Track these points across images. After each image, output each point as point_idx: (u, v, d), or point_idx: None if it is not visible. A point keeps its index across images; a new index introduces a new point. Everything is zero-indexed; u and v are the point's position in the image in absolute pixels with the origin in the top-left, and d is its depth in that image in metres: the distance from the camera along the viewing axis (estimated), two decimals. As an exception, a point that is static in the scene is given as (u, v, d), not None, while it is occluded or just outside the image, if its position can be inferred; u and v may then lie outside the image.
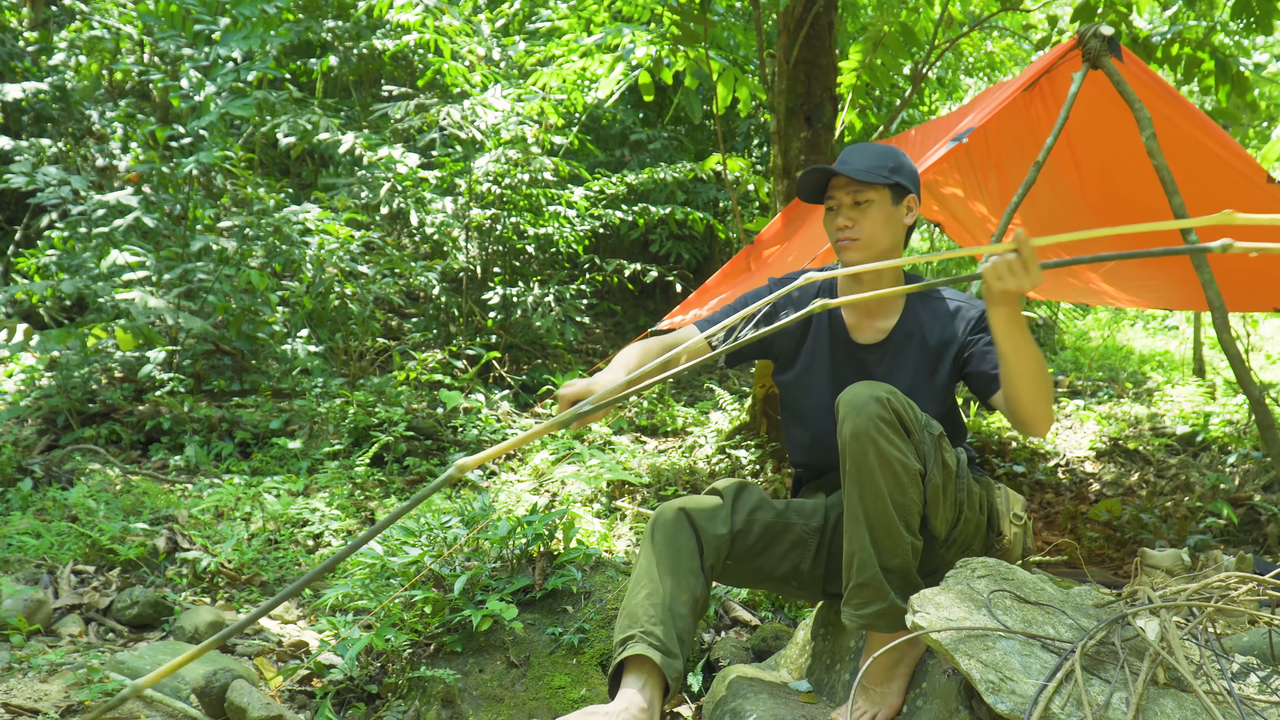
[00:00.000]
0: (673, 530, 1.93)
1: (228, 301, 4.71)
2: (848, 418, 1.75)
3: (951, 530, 1.92)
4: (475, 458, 0.94)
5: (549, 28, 6.34)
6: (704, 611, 1.96)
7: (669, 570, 1.88)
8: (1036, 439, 5.42)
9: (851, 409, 1.75)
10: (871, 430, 1.72)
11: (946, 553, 1.96)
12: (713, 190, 7.60)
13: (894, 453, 1.73)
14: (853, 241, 2.01)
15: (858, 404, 1.75)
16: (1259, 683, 1.51)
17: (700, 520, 1.95)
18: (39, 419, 4.24)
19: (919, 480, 1.78)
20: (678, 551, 1.91)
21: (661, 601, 1.83)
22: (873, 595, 1.77)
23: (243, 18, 4.67)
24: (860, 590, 1.78)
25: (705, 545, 1.93)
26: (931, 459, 1.81)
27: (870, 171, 1.99)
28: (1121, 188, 3.85)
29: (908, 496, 1.76)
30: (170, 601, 2.67)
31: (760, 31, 4.63)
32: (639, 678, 1.78)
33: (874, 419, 1.72)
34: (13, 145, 5.21)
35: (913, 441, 1.78)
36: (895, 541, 1.76)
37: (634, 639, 1.79)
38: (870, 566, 1.76)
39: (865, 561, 1.77)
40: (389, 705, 2.21)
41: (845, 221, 2.01)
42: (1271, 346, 8.79)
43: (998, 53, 8.14)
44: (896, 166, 2.02)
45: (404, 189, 5.66)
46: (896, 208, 2.03)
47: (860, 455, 1.74)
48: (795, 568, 2.04)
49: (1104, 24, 3.05)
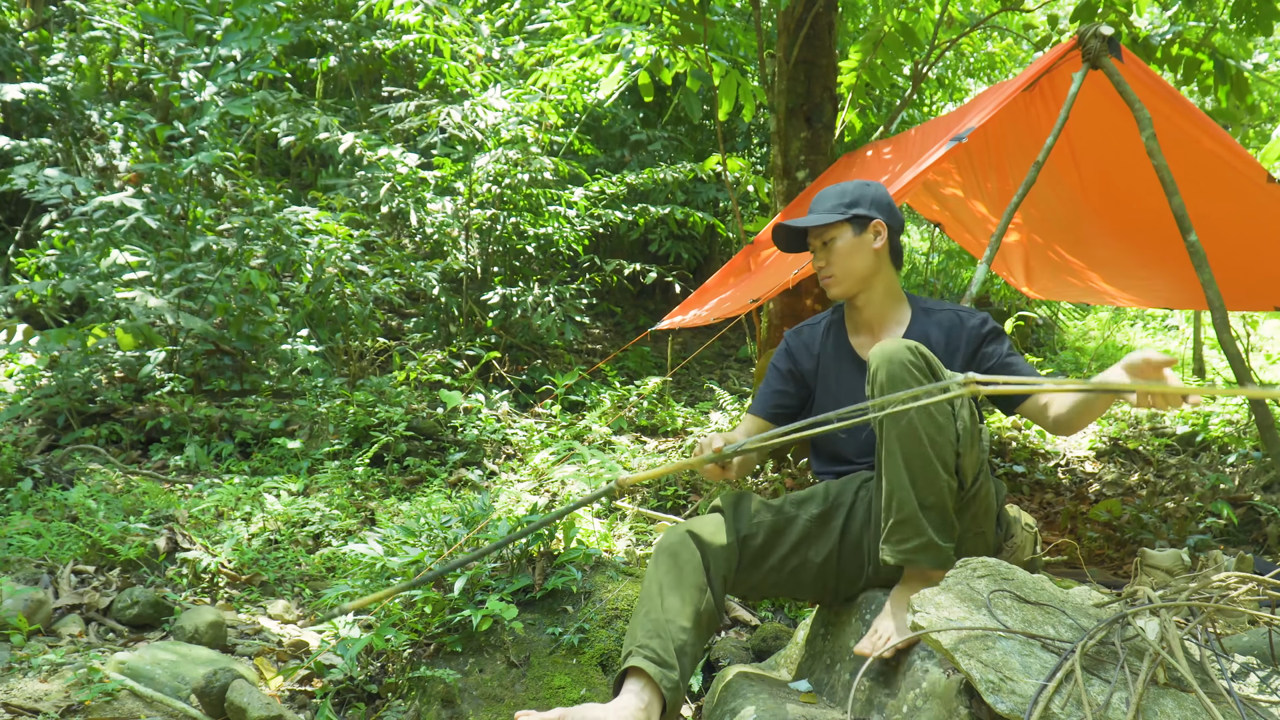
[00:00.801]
0: (676, 549, 1.99)
1: (228, 301, 4.71)
2: (881, 366, 1.85)
3: (974, 483, 1.97)
4: (636, 475, 0.94)
5: (549, 28, 6.34)
6: (714, 625, 1.99)
7: (672, 587, 1.93)
8: (1037, 441, 5.42)
9: (884, 358, 1.85)
10: (904, 374, 1.81)
11: (963, 515, 1.99)
12: (713, 190, 7.60)
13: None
14: (830, 278, 2.23)
15: (888, 352, 1.85)
16: (1259, 683, 1.51)
17: (703, 535, 2.01)
18: (39, 419, 4.24)
19: (952, 418, 1.87)
20: (680, 569, 1.95)
21: (660, 617, 1.88)
22: (911, 531, 1.85)
23: (243, 17, 4.67)
24: (900, 527, 1.86)
25: (710, 558, 1.98)
26: (959, 401, 1.89)
27: (826, 214, 2.20)
28: (1121, 188, 3.85)
29: (944, 434, 1.84)
30: (170, 601, 2.67)
31: (760, 31, 4.63)
32: (637, 682, 1.82)
33: (905, 364, 1.82)
34: (12, 145, 5.20)
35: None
36: (932, 479, 1.84)
37: (630, 655, 1.84)
38: (909, 504, 1.84)
39: (904, 499, 1.85)
40: (389, 705, 2.21)
41: (820, 263, 2.24)
42: (1271, 346, 8.79)
43: (998, 53, 8.14)
44: (854, 200, 2.21)
45: (404, 189, 5.67)
46: (861, 237, 2.21)
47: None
48: (804, 560, 2.07)
49: (1104, 24, 3.05)
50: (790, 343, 2.36)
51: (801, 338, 2.36)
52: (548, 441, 4.32)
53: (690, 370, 6.92)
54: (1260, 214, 3.52)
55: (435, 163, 6.06)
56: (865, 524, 2.09)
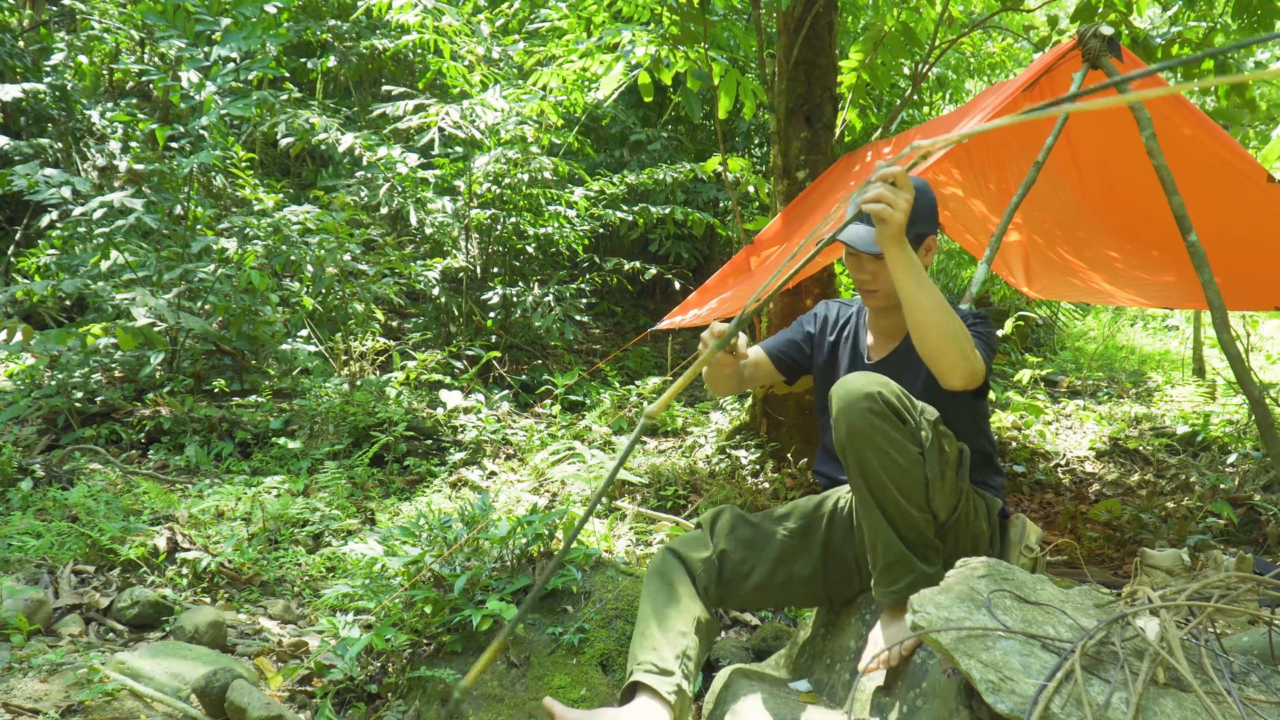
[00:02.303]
0: (662, 567, 2.01)
1: (228, 301, 4.71)
2: (840, 416, 1.80)
3: (951, 516, 1.96)
4: (660, 400, 0.91)
5: (549, 28, 6.34)
6: (712, 631, 2.00)
7: (667, 600, 1.95)
8: (1037, 441, 5.42)
9: (844, 407, 1.80)
10: (864, 426, 1.77)
11: (944, 541, 1.98)
12: (713, 190, 7.60)
13: (889, 444, 1.78)
14: (875, 293, 2.12)
15: (848, 401, 1.79)
16: (1259, 683, 1.51)
17: (683, 550, 2.03)
18: (39, 419, 4.24)
19: (920, 461, 1.83)
20: (670, 583, 1.98)
21: (656, 631, 1.90)
22: (902, 570, 1.86)
23: (243, 17, 4.66)
24: (890, 569, 1.87)
25: (693, 571, 2.00)
26: (930, 443, 1.85)
27: None
28: (1121, 188, 3.85)
29: (911, 478, 1.82)
30: (170, 601, 2.66)
31: (760, 31, 4.63)
32: (643, 693, 1.83)
33: (865, 414, 1.77)
34: (11, 145, 5.20)
35: (909, 428, 1.82)
36: (909, 519, 1.85)
37: (633, 672, 1.85)
38: (894, 546, 1.85)
39: (888, 543, 1.85)
40: (389, 705, 2.21)
41: (866, 276, 2.10)
42: (1271, 346, 8.80)
43: (998, 53, 8.14)
44: (914, 219, 2.03)
45: (404, 189, 5.66)
46: (915, 254, 2.08)
47: (859, 452, 1.80)
48: (791, 574, 2.08)
49: (1104, 24, 3.04)
50: (821, 312, 2.34)
51: (831, 315, 2.33)
52: (547, 441, 4.32)
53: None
54: (1260, 214, 3.52)
55: (436, 163, 6.06)
56: (848, 535, 2.09)
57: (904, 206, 1.76)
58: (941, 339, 1.83)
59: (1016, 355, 8.10)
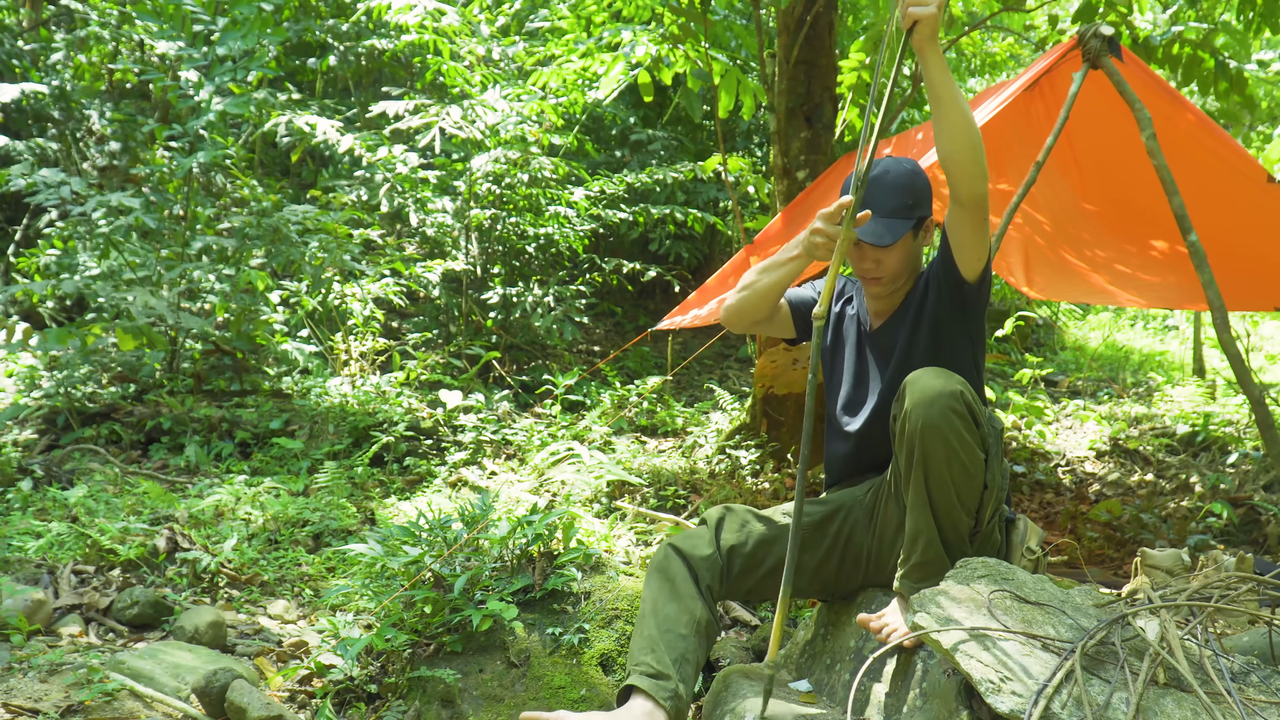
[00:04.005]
0: (663, 564, 2.01)
1: (228, 301, 4.70)
2: (917, 409, 1.79)
3: (989, 522, 1.97)
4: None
5: (549, 28, 6.33)
6: (712, 631, 2.00)
7: (667, 599, 1.95)
8: (1037, 441, 5.42)
9: (923, 400, 1.79)
10: (943, 425, 1.78)
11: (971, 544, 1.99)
12: (713, 190, 7.59)
13: (961, 445, 1.80)
14: (879, 280, 2.12)
15: (929, 395, 1.79)
16: (1259, 683, 1.51)
17: (686, 548, 2.02)
18: (39, 419, 4.24)
19: (983, 468, 1.86)
20: (671, 581, 1.97)
21: (656, 631, 1.90)
22: (934, 570, 1.88)
23: (241, 17, 4.66)
24: (923, 566, 1.89)
25: (696, 568, 2.00)
26: (994, 451, 1.88)
27: (894, 227, 2.03)
28: (1121, 188, 3.85)
29: (973, 482, 1.85)
30: (170, 601, 2.66)
31: (761, 31, 4.62)
32: (638, 696, 1.83)
33: (947, 411, 1.78)
34: (8, 144, 5.20)
35: (980, 433, 1.85)
36: (956, 522, 1.88)
37: (630, 675, 1.85)
38: (934, 545, 1.88)
39: (930, 540, 1.88)
40: (389, 705, 2.21)
41: (870, 265, 2.10)
42: (1271, 346, 8.80)
43: (998, 53, 8.13)
44: (915, 201, 2.07)
45: (403, 189, 5.66)
46: (918, 239, 2.13)
47: (930, 447, 1.80)
48: (799, 565, 2.06)
49: (1104, 24, 3.04)
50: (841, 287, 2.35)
51: (839, 284, 2.33)
52: (547, 441, 4.32)
53: (690, 370, 6.91)
54: (1260, 214, 3.52)
55: (436, 163, 6.06)
56: (868, 529, 2.09)
57: (940, 2, 1.77)
58: (968, 141, 1.85)
59: (1016, 355, 8.09)
